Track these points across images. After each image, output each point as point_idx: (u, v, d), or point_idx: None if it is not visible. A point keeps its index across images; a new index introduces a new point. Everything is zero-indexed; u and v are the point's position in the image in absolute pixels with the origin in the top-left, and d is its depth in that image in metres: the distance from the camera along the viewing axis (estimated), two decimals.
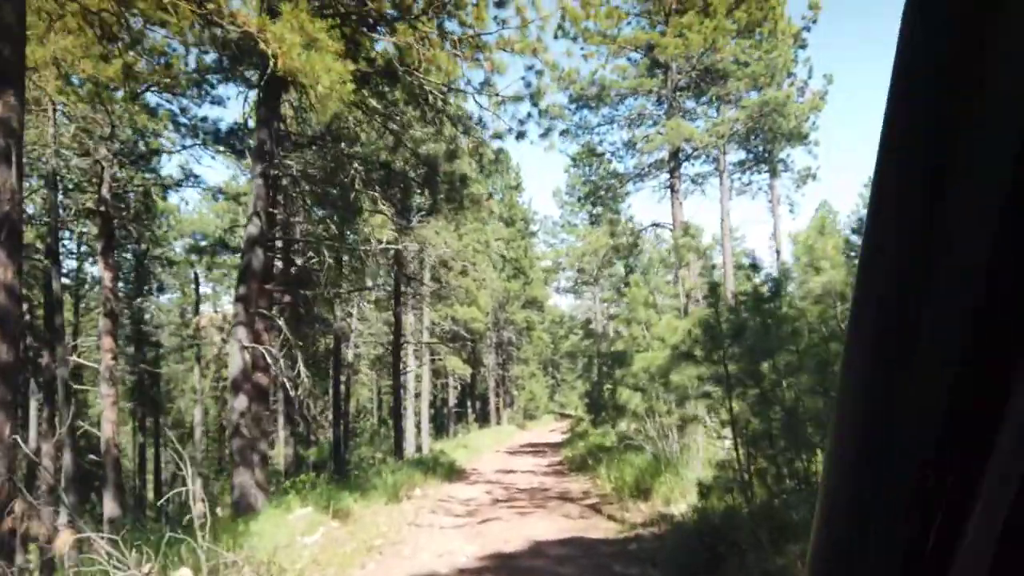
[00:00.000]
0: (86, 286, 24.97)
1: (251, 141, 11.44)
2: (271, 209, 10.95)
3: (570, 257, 21.48)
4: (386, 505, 10.97)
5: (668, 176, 18.62)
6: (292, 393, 12.22)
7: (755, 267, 8.91)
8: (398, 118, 11.16)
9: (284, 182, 11.82)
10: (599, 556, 6.75)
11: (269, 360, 10.47)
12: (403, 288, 20.01)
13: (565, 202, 34.76)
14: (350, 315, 33.95)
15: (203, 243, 25.49)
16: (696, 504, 7.02)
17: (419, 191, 13.29)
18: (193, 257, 25.40)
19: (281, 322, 11.26)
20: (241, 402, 9.49)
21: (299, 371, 10.75)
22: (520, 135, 10.52)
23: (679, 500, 8.05)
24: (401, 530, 9.05)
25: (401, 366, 31.34)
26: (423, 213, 18.13)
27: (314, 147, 12.60)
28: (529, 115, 10.36)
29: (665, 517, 7.58)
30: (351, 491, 11.11)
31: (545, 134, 10.63)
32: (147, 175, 18.32)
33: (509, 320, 40.96)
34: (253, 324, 10.08)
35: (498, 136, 10.76)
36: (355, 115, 11.21)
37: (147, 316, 29.84)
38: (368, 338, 34.79)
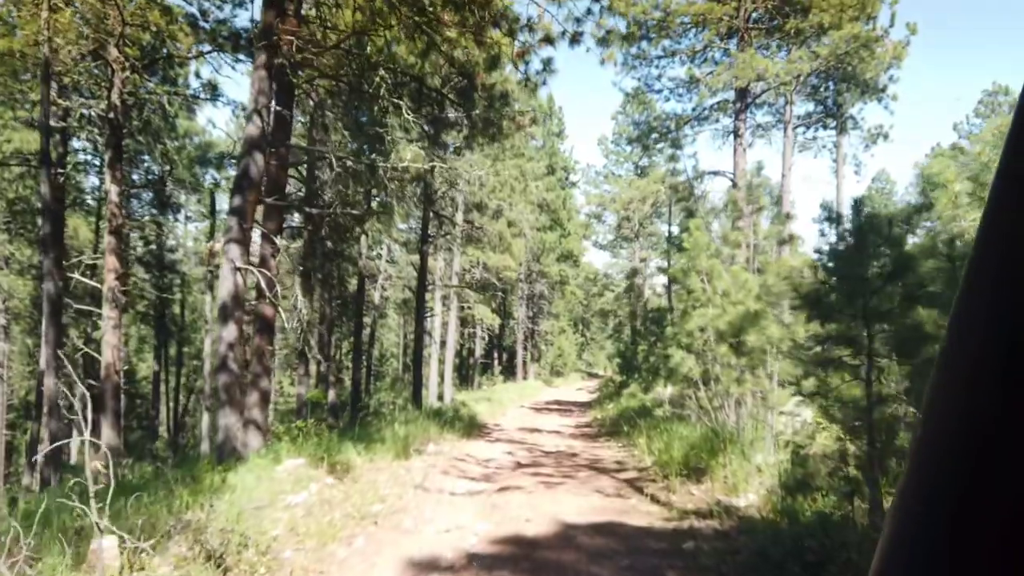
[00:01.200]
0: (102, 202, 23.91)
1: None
2: (280, 108, 9.43)
3: (616, 203, 19.61)
4: (394, 461, 9.67)
5: (732, 119, 16.67)
6: (288, 325, 10.88)
7: (834, 218, 7.17)
8: (431, 12, 9.46)
9: (300, 84, 10.28)
10: (645, 555, 5.29)
11: (264, 285, 9.08)
12: (432, 227, 18.54)
13: (610, 151, 32.72)
14: (379, 256, 32.74)
15: (210, 156, 24.13)
16: (775, 499, 5.49)
17: (455, 108, 11.63)
18: (205, 175, 24.10)
19: (279, 241, 9.82)
20: (230, 332, 8.15)
21: (298, 302, 9.33)
22: (575, 39, 8.78)
23: (744, 488, 6.53)
24: (405, 494, 7.72)
25: (427, 311, 30.15)
26: (457, 146, 16.51)
27: (338, 50, 10.97)
28: (589, 12, 8.60)
29: (728, 510, 6.07)
30: (356, 442, 9.83)
31: (604, 40, 8.81)
32: (164, 85, 16.92)
33: (542, 272, 39.42)
34: (248, 242, 8.68)
35: (548, 40, 9.03)
36: (380, 8, 9.54)
37: (168, 241, 28.89)
38: (396, 281, 33.60)
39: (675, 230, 25.51)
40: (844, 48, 16.24)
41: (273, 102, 9.34)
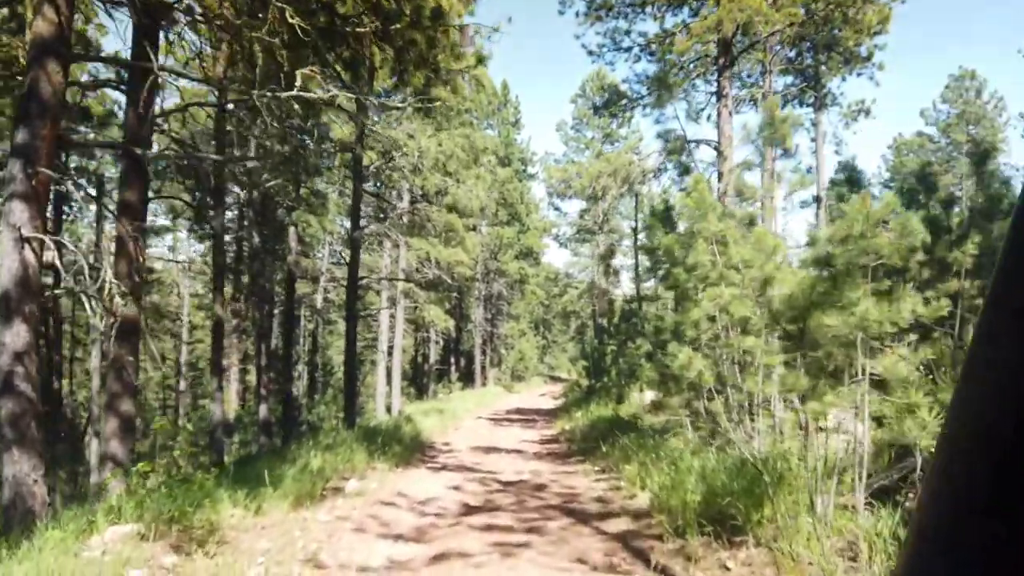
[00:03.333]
0: None
1: None
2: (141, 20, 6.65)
3: (582, 179, 17.15)
4: (292, 511, 6.95)
5: (716, 77, 14.34)
6: (97, 317, 8.13)
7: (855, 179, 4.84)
8: None
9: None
10: None
11: (55, 259, 6.21)
12: (368, 213, 15.81)
13: (570, 137, 30.33)
14: (319, 256, 29.73)
15: None
16: None
17: (378, 46, 8.95)
18: None
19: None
20: (16, 335, 5.35)
21: (107, 283, 6.50)
22: None
23: (822, 562, 3.99)
24: None
25: (369, 312, 27.23)
26: (390, 112, 13.82)
27: None
28: None
29: None
30: (239, 485, 7.08)
31: None
32: None
33: (500, 271, 36.87)
34: (43, 198, 5.86)
35: None
36: None
37: None
38: (342, 283, 30.59)
39: (653, 204, 23.27)
40: (824, 7, 14.10)
41: None
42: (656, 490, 6.80)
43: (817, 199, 23.99)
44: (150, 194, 11.47)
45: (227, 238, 32.76)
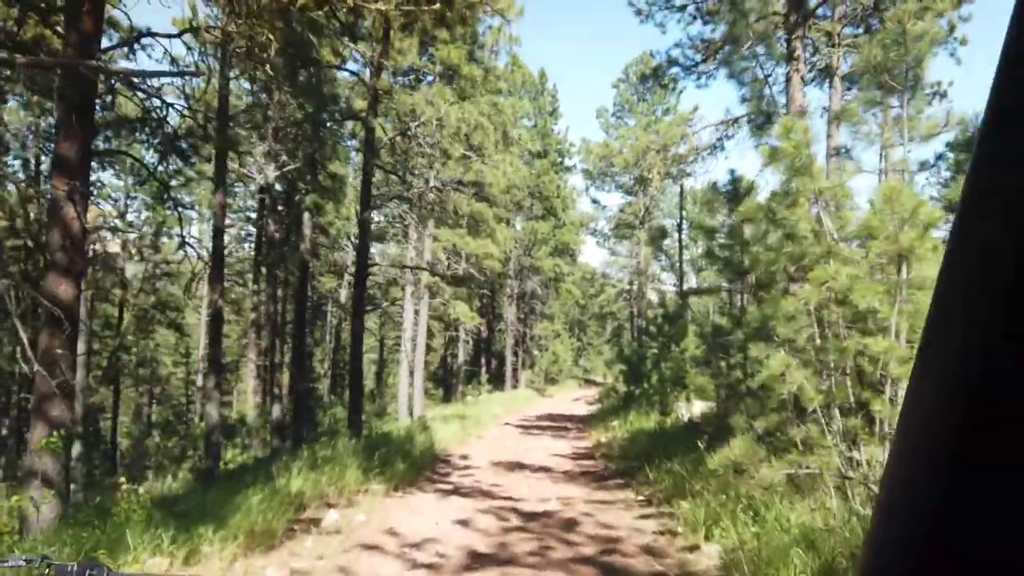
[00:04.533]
0: None
1: None
2: None
3: (628, 153, 15.17)
4: (234, 561, 5.21)
5: (784, 39, 12.34)
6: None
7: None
8: None
9: None
10: None
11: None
12: (382, 193, 14.14)
13: (611, 125, 28.28)
14: (344, 248, 28.23)
15: None
16: None
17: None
18: None
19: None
20: None
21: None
22: None
23: None
24: None
25: (377, 307, 25.61)
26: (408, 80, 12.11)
27: None
28: None
29: None
30: (175, 520, 5.38)
31: None
32: None
33: (534, 267, 34.98)
34: None
35: None
36: None
37: None
38: (371, 276, 28.98)
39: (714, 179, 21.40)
40: None
41: None
42: (730, 546, 4.90)
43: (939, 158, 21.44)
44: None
45: (244, 226, 31.57)
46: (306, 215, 18.40)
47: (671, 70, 13.46)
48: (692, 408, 13.63)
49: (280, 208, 22.84)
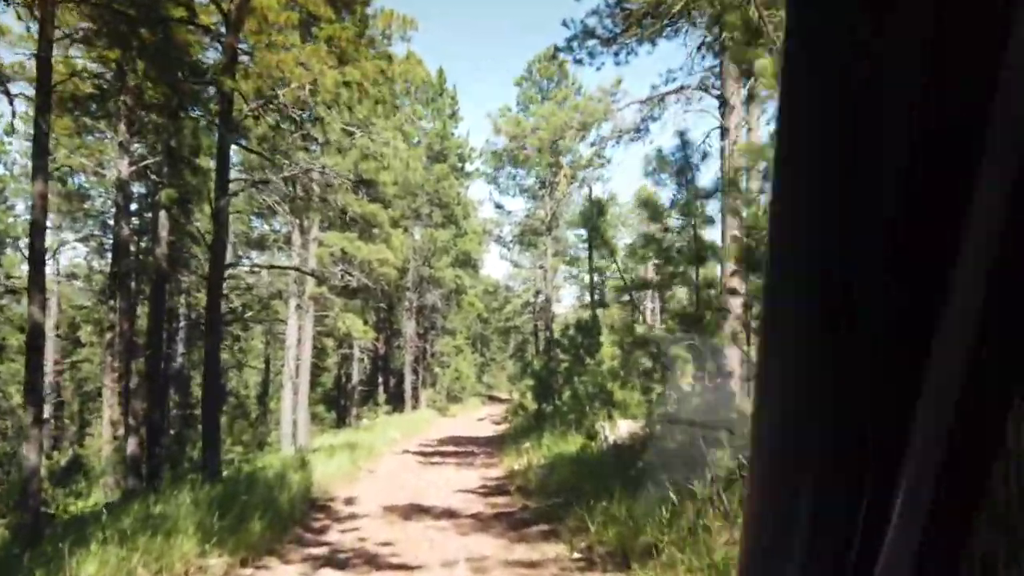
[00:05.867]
0: None
1: None
2: None
3: (542, 131, 13.34)
4: None
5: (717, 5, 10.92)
6: None
7: None
8: None
9: None
10: None
11: None
12: (240, 178, 11.69)
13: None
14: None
15: None
16: None
17: None
18: None
19: None
20: None
21: None
22: None
23: None
24: None
25: (250, 321, 22.70)
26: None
27: None
28: None
29: None
30: None
31: None
32: None
33: (435, 279, 32.83)
34: None
35: None
36: None
37: None
38: (255, 288, 25.79)
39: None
40: None
41: None
42: None
43: None
44: None
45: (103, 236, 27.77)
46: (163, 214, 15.57)
47: (587, 43, 11.80)
48: (616, 428, 11.90)
49: (135, 208, 19.74)
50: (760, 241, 6.14)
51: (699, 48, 12.22)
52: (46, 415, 26.69)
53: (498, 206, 31.33)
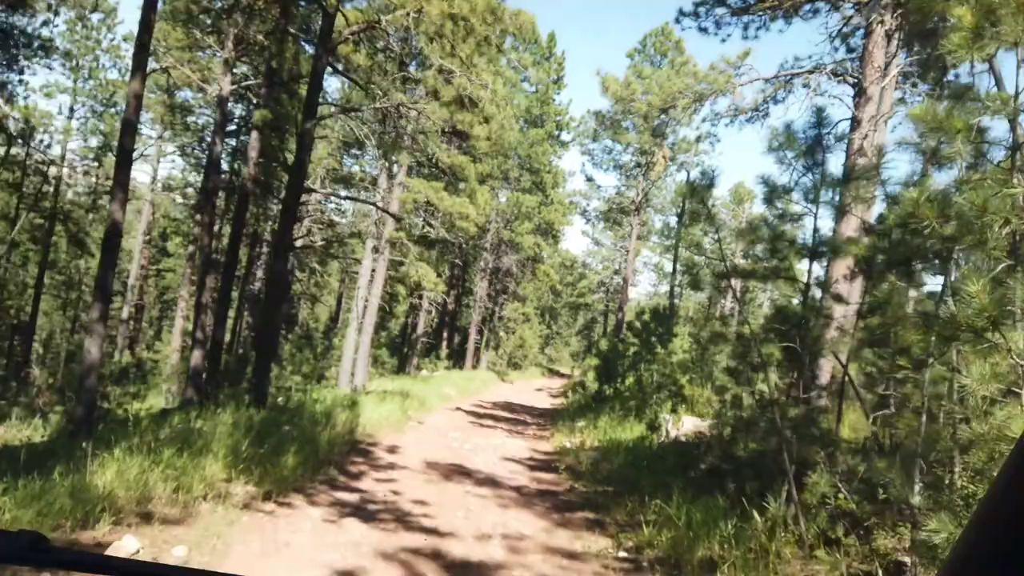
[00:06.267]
0: None
1: None
2: None
3: (653, 97, 12.37)
4: None
5: None
6: None
7: None
8: None
9: None
10: None
11: None
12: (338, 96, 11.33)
13: (621, 97, 25.49)
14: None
15: None
16: None
17: None
18: None
19: None
20: None
21: None
22: None
23: None
24: None
25: (349, 261, 22.72)
26: None
27: None
28: None
29: None
30: None
31: None
32: None
33: (513, 243, 32.31)
34: None
35: None
36: None
37: None
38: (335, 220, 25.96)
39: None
40: None
41: None
42: None
43: None
44: None
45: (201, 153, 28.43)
46: (254, 134, 15.54)
47: (716, 10, 10.81)
48: (680, 423, 11.14)
49: (232, 129, 19.91)
50: (894, 249, 5.28)
51: (840, 32, 11.03)
52: (124, 316, 27.85)
53: (589, 179, 30.47)
